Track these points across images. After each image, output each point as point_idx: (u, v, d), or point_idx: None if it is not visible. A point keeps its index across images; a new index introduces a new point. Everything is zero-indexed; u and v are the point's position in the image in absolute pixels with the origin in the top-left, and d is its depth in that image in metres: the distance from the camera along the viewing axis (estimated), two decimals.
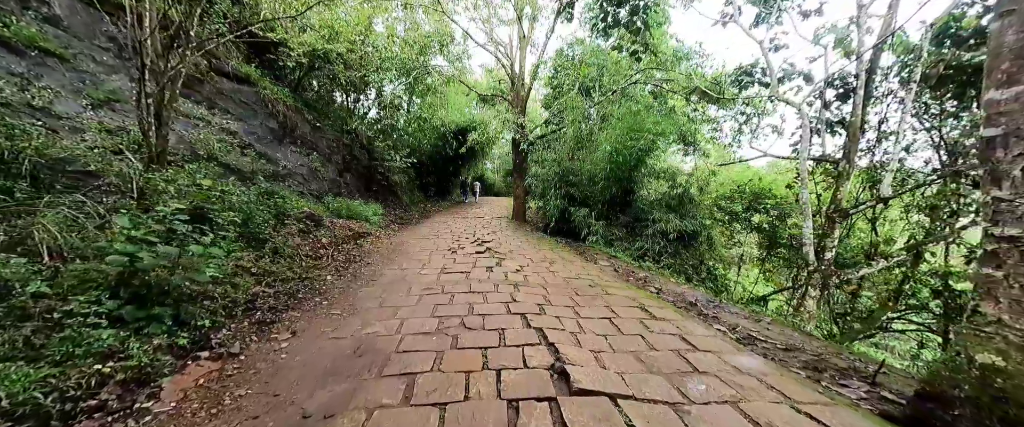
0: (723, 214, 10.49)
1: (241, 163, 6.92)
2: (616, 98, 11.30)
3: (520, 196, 12.48)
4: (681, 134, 10.87)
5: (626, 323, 3.34)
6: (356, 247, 6.30)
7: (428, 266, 5.37)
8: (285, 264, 4.30)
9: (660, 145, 9.03)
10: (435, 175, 17.79)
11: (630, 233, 9.28)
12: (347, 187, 10.47)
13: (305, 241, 5.53)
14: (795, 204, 9.34)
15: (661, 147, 9.19)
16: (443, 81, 11.80)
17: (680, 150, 13.10)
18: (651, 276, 5.87)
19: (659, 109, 10.77)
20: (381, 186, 12.22)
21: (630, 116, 9.23)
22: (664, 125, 8.79)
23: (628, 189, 10.12)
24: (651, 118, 9.14)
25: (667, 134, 8.97)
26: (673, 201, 9.07)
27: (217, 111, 7.50)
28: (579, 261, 6.54)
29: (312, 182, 8.93)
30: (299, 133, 9.30)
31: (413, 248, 6.94)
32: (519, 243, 7.97)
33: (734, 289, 11.84)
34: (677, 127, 10.17)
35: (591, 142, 10.85)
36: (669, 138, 9.09)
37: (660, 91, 11.28)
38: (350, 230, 7.33)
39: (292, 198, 7.59)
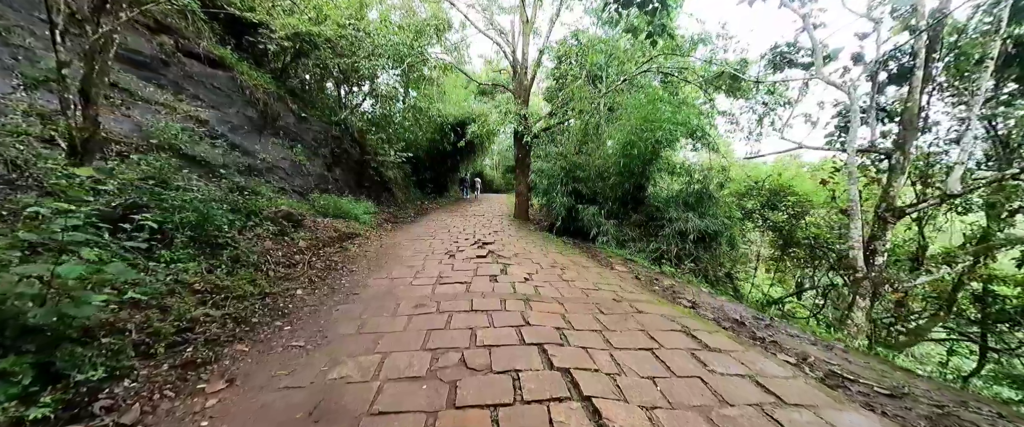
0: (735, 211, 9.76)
1: (210, 155, 6.10)
2: (625, 87, 10.51)
3: (523, 193, 11.70)
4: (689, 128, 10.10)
5: (675, 357, 2.58)
6: (340, 251, 5.52)
7: (422, 274, 4.60)
8: (245, 276, 3.52)
9: (678, 137, 8.26)
10: (432, 171, 16.98)
11: (644, 233, 8.53)
12: (336, 183, 9.66)
13: (278, 245, 4.74)
14: (828, 202, 8.61)
15: (680, 139, 8.43)
16: (440, 69, 10.97)
17: (685, 145, 12.30)
18: (678, 285, 5.12)
19: (669, 100, 9.99)
20: (374, 182, 11.42)
21: (645, 106, 8.44)
22: (684, 115, 8.01)
23: (639, 185, 9.36)
24: (669, 108, 8.36)
25: (687, 124, 8.20)
26: (691, 198, 8.31)
27: (185, 97, 6.68)
28: (594, 266, 5.78)
29: (296, 177, 8.12)
30: (282, 124, 8.48)
31: (406, 251, 6.16)
32: (524, 245, 7.21)
33: (748, 292, 11.15)
34: (696, 118, 9.40)
35: (599, 135, 10.08)
36: (689, 129, 8.32)
37: (673, 80, 10.49)
38: (335, 231, 6.54)
39: (270, 195, 6.80)
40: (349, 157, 10.59)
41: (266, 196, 6.56)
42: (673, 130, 8.20)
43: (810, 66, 5.61)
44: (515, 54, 11.42)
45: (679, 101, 9.71)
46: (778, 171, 11.27)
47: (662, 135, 7.83)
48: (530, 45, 11.41)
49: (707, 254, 7.88)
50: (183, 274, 3.06)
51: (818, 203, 10.73)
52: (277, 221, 5.39)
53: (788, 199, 10.16)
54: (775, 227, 10.39)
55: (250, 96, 7.86)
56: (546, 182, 10.40)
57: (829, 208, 10.18)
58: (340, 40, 9.78)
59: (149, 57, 6.51)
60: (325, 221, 7.03)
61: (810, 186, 11.46)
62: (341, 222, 7.55)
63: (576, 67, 12.63)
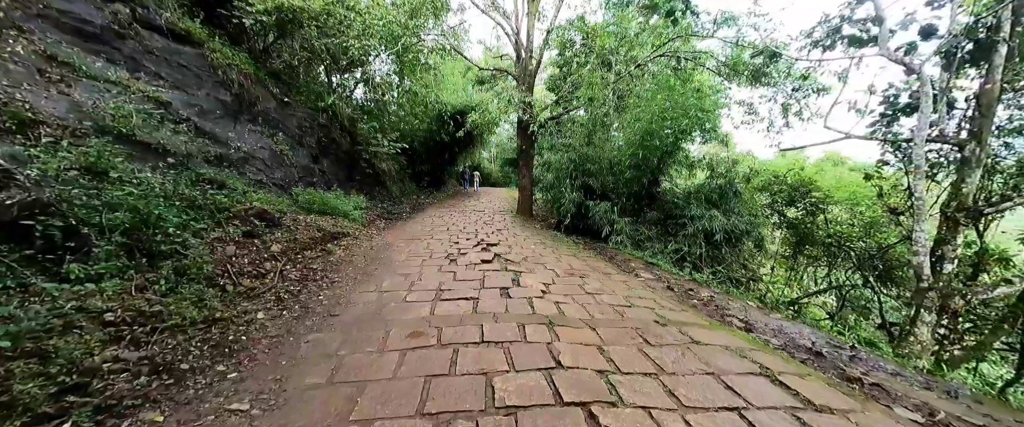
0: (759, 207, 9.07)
1: (172, 143, 5.24)
2: (639, 73, 9.71)
3: (526, 187, 10.92)
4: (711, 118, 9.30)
5: (774, 422, 1.84)
6: (322, 256, 4.72)
7: (418, 286, 3.83)
8: (190, 295, 2.72)
9: (701, 127, 7.52)
10: (429, 163, 16.11)
11: (662, 232, 7.81)
12: (323, 176, 8.81)
13: (245, 250, 3.93)
14: (866, 199, 7.94)
15: (705, 129, 7.67)
16: (438, 51, 10.06)
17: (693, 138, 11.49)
18: (718, 296, 4.39)
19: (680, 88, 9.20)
20: (366, 175, 10.57)
21: (666, 92, 7.65)
22: (709, 102, 7.24)
23: (654, 180, 8.62)
24: (691, 95, 7.58)
25: (712, 113, 7.44)
26: (714, 194, 7.58)
27: (143, 75, 5.78)
28: (616, 273, 5.04)
29: (276, 169, 7.27)
30: (261, 109, 7.59)
31: (400, 255, 5.38)
32: (533, 246, 6.45)
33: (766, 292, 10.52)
34: (716, 106, 8.61)
35: (609, 125, 9.30)
36: (710, 119, 7.57)
37: (688, 66, 9.68)
38: (319, 231, 5.73)
39: (244, 189, 5.96)
40: (338, 147, 9.72)
41: (239, 190, 5.72)
42: (702, 117, 7.44)
43: (866, 44, 4.89)
44: (518, 37, 10.55)
45: (693, 89, 8.92)
46: (800, 164, 10.56)
47: (687, 124, 7.06)
48: (535, 28, 10.54)
49: (732, 255, 7.18)
50: (94, 298, 2.27)
51: (840, 198, 10.11)
52: (247, 220, 4.57)
53: (812, 195, 9.48)
54: (791, 224, 9.74)
55: (223, 77, 6.95)
56: (552, 176, 9.63)
57: (856, 205, 9.53)
58: (328, 18, 8.86)
59: (100, 28, 5.59)
60: (308, 219, 6.22)
61: (832, 180, 10.80)
62: (327, 220, 6.73)
63: (582, 54, 11.80)
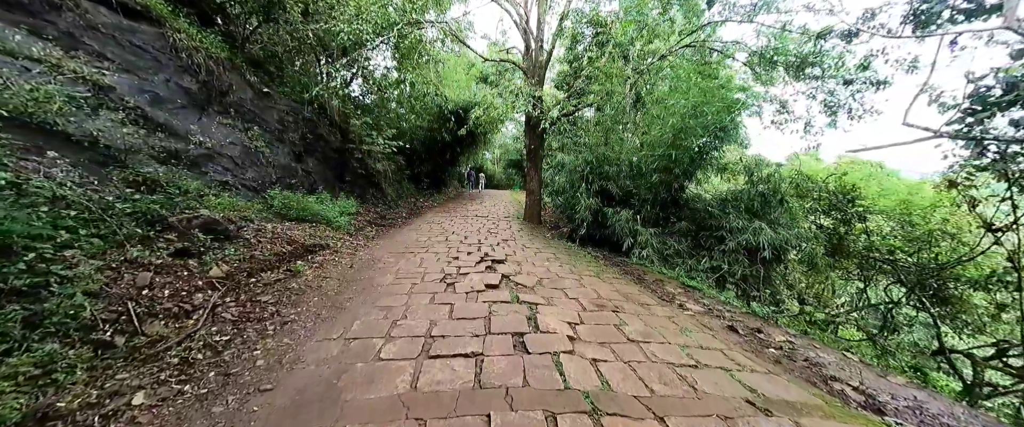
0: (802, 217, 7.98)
1: (108, 135, 4.26)
2: (661, 66, 8.69)
3: (534, 191, 9.89)
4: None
5: None
6: (283, 280, 3.70)
7: (401, 329, 2.81)
8: (23, 364, 1.71)
9: (742, 124, 6.50)
10: (429, 163, 15.12)
11: (694, 245, 6.76)
12: (307, 176, 7.82)
13: (169, 279, 2.92)
14: (946, 209, 6.88)
15: (742, 126, 6.64)
16: (441, 36, 9.07)
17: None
18: (798, 341, 3.34)
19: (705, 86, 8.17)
20: (358, 176, 9.58)
21: (701, 87, 6.62)
22: (753, 98, 6.22)
23: (680, 185, 7.59)
24: (732, 89, 6.59)
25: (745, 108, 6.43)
26: (755, 202, 6.53)
27: (81, 54, 4.80)
28: (655, 303, 3.99)
29: (248, 168, 6.28)
30: (233, 99, 6.61)
31: (385, 276, 4.35)
32: (547, 264, 5.42)
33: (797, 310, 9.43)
34: (743, 105, 7.56)
35: (625, 124, 8.28)
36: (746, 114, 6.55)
37: (720, 57, 8.65)
38: (289, 244, 4.73)
39: (204, 192, 4.97)
40: (327, 145, 8.74)
41: (193, 193, 4.73)
42: (735, 117, 6.43)
43: (980, 15, 3.86)
44: (527, 25, 9.55)
45: (718, 85, 7.86)
46: (842, 169, 9.47)
47: (728, 121, 6.04)
48: (546, 15, 9.54)
49: (778, 275, 6.13)
50: None
51: (885, 208, 9.03)
52: (186, 234, 3.56)
53: (858, 204, 8.40)
54: (829, 234, 8.67)
55: (188, 61, 5.98)
56: (564, 179, 8.62)
57: (907, 215, 8.45)
58: (317, 1, 7.92)
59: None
60: (279, 228, 5.22)
61: (876, 188, 9.71)
62: (304, 228, 5.73)
63: (594, 49, 10.82)
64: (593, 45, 11.54)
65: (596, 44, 11.95)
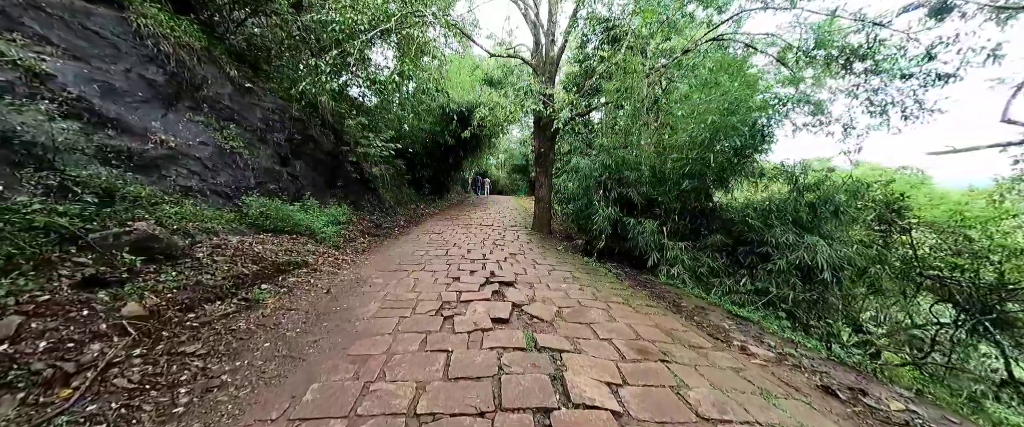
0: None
1: (31, 131, 3.50)
2: (689, 60, 7.89)
3: (544, 198, 9.06)
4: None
5: None
6: (231, 314, 2.88)
7: (374, 398, 1.97)
8: None
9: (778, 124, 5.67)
10: (431, 168, 14.36)
11: (732, 262, 5.88)
12: (294, 181, 7.05)
13: (58, 323, 2.11)
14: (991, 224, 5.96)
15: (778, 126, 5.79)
16: (440, 35, 8.33)
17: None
18: (918, 410, 2.45)
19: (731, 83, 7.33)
20: (352, 181, 8.81)
21: (737, 83, 5.80)
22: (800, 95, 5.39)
23: (707, 193, 6.73)
24: (758, 90, 5.77)
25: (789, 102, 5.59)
26: (802, 213, 5.65)
27: (18, 37, 4.07)
28: (709, 345, 3.12)
29: (221, 172, 5.51)
30: (208, 94, 5.87)
31: (368, 305, 3.52)
32: (565, 286, 4.56)
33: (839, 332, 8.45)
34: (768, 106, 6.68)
35: (647, 124, 7.45)
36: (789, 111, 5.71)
37: (746, 52, 7.82)
38: (255, 262, 3.91)
39: (155, 200, 4.19)
40: (317, 147, 7.98)
41: (142, 201, 3.95)
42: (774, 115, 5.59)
43: None
44: (537, 18, 8.80)
45: (747, 81, 7.00)
46: (890, 176, 8.56)
47: (772, 118, 5.20)
48: (558, 6, 8.78)
49: (836, 298, 5.22)
50: None
51: (935, 219, 8.10)
52: (110, 254, 2.75)
53: (905, 214, 7.47)
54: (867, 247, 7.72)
55: (154, 50, 5.25)
56: (577, 185, 7.79)
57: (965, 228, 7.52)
58: None
59: None
60: (247, 242, 4.41)
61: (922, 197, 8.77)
62: (280, 242, 4.93)
63: (605, 46, 10.09)
64: (604, 43, 10.80)
65: (609, 40, 11.20)
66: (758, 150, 5.86)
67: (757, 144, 5.71)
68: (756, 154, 5.88)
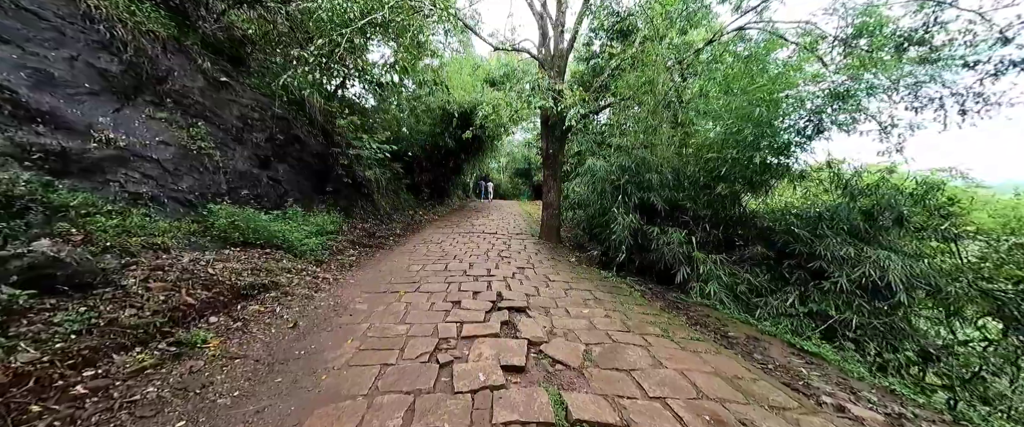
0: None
1: None
2: (718, 52, 7.17)
3: (553, 204, 8.29)
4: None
5: None
6: (152, 368, 2.12)
7: None
8: None
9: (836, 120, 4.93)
10: (431, 172, 13.64)
11: (776, 277, 5.09)
12: (275, 186, 6.31)
13: None
14: None
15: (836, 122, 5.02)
16: (438, 23, 7.62)
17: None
18: None
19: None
20: (343, 185, 8.07)
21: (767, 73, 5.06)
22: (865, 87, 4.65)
23: (736, 199, 5.97)
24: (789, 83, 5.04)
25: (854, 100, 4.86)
26: (857, 220, 4.87)
27: None
28: (793, 404, 2.33)
29: (183, 176, 4.76)
30: (175, 88, 5.14)
31: (341, 347, 2.75)
32: (588, 312, 3.78)
33: None
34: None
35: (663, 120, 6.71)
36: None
37: (769, 43, 7.07)
38: (205, 289, 3.15)
39: (89, 209, 3.45)
40: (304, 148, 7.25)
41: (73, 212, 3.20)
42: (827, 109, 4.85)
43: None
44: (545, 8, 8.09)
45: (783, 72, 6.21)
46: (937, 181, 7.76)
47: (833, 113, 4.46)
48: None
49: (907, 324, 4.42)
50: None
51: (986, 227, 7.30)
52: None
53: (957, 222, 6.67)
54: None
55: (107, 36, 4.53)
56: (592, 189, 7.03)
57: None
58: None
59: None
60: (203, 260, 3.66)
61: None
62: (250, 257, 4.17)
63: (615, 43, 9.42)
64: (613, 39, 10.11)
65: (617, 35, 10.51)
66: (804, 148, 5.10)
67: (803, 142, 4.95)
68: (801, 152, 5.13)
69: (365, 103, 12.39)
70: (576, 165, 10.65)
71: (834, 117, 4.92)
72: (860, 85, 4.86)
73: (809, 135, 4.93)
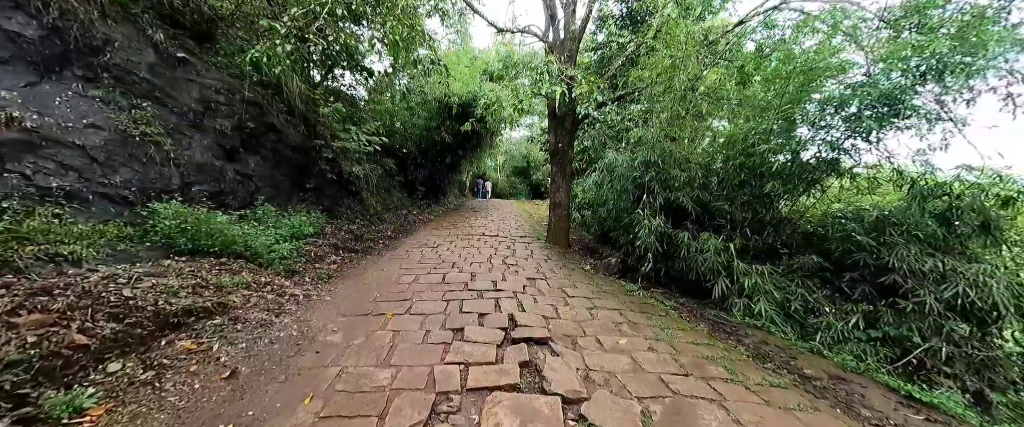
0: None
1: None
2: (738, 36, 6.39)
3: (562, 204, 7.46)
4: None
5: None
6: None
7: None
8: None
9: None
10: (426, 168, 12.74)
11: (834, 292, 4.33)
12: (244, 182, 5.42)
13: None
14: None
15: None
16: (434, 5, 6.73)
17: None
18: None
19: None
20: (327, 182, 7.17)
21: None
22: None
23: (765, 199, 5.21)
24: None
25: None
26: (930, 227, 4.11)
27: None
28: None
29: (120, 167, 3.87)
30: (115, 61, 4.23)
31: (296, 409, 1.90)
32: (625, 342, 2.96)
33: None
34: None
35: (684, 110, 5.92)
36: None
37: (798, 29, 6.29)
38: (116, 320, 2.28)
39: None
40: (281, 138, 6.34)
41: None
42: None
43: None
44: None
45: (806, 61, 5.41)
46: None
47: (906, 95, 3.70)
48: None
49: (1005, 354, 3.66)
50: None
51: None
52: None
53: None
54: None
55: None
56: (609, 188, 6.23)
57: None
58: None
59: None
60: (125, 277, 2.78)
61: None
62: (197, 270, 3.30)
63: (624, 31, 8.72)
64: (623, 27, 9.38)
65: (629, 19, 9.77)
66: (871, 139, 4.33)
67: (880, 128, 4.18)
68: (875, 142, 4.36)
69: (354, 93, 11.49)
70: (587, 162, 9.84)
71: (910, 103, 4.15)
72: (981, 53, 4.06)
73: (886, 119, 4.15)
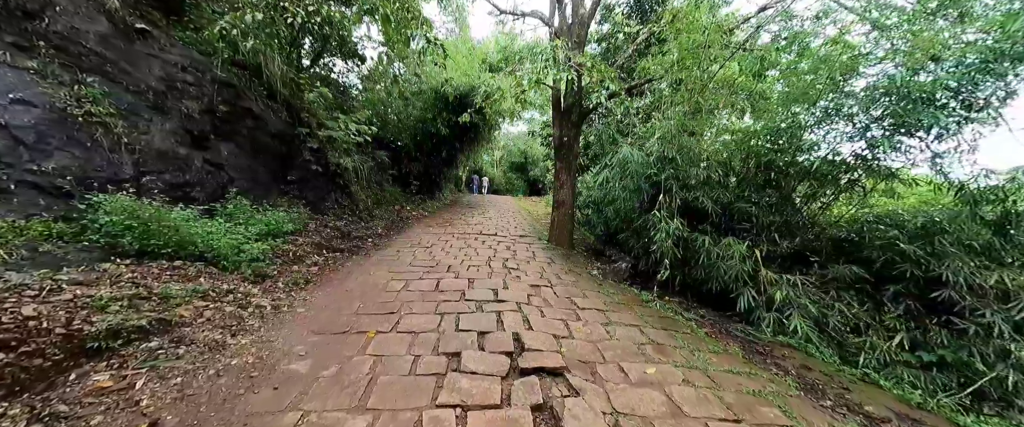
0: None
1: None
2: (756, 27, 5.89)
3: (566, 202, 6.95)
4: None
5: None
6: None
7: None
8: None
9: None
10: (420, 162, 12.16)
11: (877, 307, 3.88)
12: (214, 172, 4.82)
13: None
14: None
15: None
16: None
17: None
18: None
19: None
20: (312, 174, 6.58)
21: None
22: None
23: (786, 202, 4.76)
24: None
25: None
26: (993, 238, 3.67)
27: None
28: None
29: (56, 153, 3.27)
30: (55, 28, 3.62)
31: None
32: (654, 373, 2.47)
33: None
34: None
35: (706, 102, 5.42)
36: None
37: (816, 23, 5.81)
38: (8, 350, 1.73)
39: None
40: (260, 125, 5.73)
41: None
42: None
43: None
44: None
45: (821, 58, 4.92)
46: None
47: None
48: None
49: None
50: None
51: None
52: None
53: None
54: None
55: None
56: (620, 186, 5.72)
57: None
58: None
59: None
60: (35, 289, 2.22)
61: None
62: (143, 274, 2.74)
63: (629, 21, 8.23)
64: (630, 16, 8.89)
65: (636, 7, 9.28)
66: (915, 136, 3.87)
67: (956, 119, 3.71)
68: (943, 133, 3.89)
69: (347, 81, 10.86)
70: (591, 159, 9.35)
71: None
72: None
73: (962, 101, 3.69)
